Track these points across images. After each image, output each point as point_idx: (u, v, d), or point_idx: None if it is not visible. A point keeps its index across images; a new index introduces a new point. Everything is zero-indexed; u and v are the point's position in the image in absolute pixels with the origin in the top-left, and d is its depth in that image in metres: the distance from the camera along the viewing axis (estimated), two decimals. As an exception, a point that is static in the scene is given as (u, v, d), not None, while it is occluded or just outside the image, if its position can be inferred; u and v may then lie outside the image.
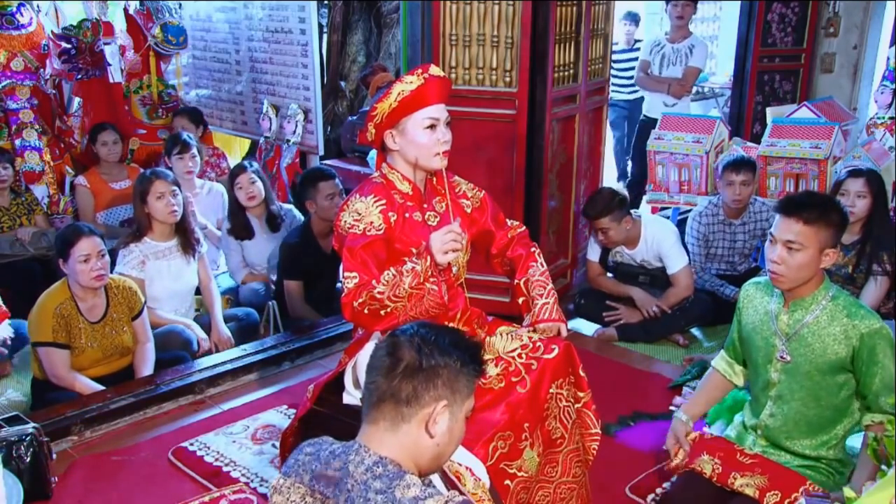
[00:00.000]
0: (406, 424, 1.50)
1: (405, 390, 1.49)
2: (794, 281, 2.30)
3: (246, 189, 4.24)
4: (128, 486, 2.86)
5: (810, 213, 2.26)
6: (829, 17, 5.83)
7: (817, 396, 2.36)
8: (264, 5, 5.37)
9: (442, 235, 2.07)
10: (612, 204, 3.98)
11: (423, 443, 1.51)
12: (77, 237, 3.20)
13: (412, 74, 2.24)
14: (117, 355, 3.42)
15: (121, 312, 3.38)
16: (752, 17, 5.66)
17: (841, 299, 2.32)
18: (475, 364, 1.56)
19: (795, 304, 2.35)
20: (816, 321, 2.32)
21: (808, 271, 2.28)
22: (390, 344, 1.54)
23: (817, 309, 2.32)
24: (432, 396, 1.49)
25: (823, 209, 2.29)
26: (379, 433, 1.51)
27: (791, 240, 2.26)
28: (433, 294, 2.08)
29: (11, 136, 4.85)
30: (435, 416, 1.49)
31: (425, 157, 2.26)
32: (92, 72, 5.20)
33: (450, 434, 1.53)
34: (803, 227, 2.25)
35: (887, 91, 5.38)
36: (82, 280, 3.20)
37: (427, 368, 1.49)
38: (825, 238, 2.27)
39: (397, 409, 1.49)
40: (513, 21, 3.82)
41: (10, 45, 4.90)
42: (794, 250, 2.26)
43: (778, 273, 2.29)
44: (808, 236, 2.25)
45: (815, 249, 2.26)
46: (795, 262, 2.26)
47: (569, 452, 2.32)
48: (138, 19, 5.35)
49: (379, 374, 1.52)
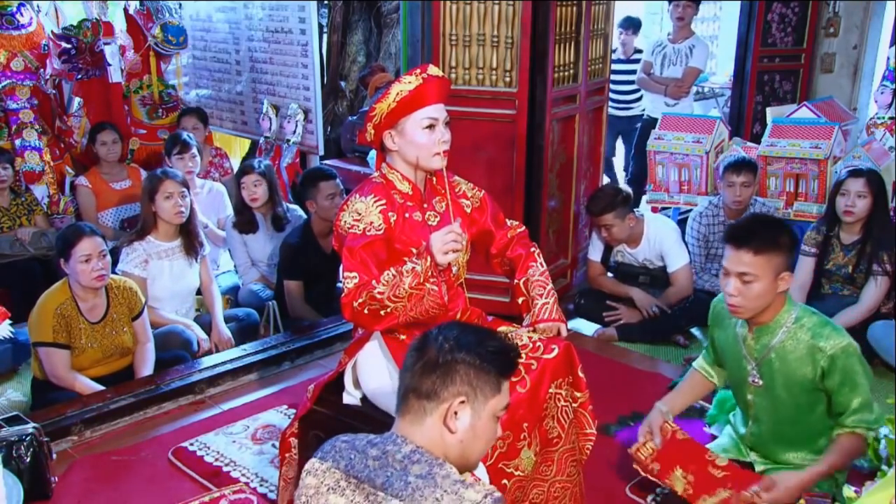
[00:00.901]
0: (429, 418, 1.53)
1: (425, 385, 1.53)
2: (753, 310, 2.27)
3: (249, 190, 4.26)
4: (128, 486, 2.86)
5: (759, 242, 2.21)
6: (829, 17, 5.83)
7: (793, 417, 2.36)
8: (264, 5, 5.37)
9: (442, 236, 2.06)
10: (615, 200, 3.99)
11: (447, 439, 1.53)
12: (78, 237, 3.20)
13: (411, 75, 2.24)
14: (117, 355, 3.42)
15: (121, 313, 3.38)
16: (752, 17, 5.66)
17: (805, 319, 2.29)
18: (502, 362, 1.57)
19: (759, 330, 2.33)
20: (782, 345, 2.29)
21: (765, 299, 2.25)
22: (419, 340, 1.59)
23: (781, 333, 2.29)
24: (451, 392, 1.52)
25: (772, 235, 2.24)
26: (407, 426, 1.55)
27: (744, 272, 2.22)
28: (433, 294, 2.07)
29: (11, 136, 4.85)
30: (453, 412, 1.52)
31: (424, 158, 2.26)
32: (92, 72, 5.20)
33: (473, 431, 1.54)
34: (754, 258, 2.21)
35: (887, 91, 5.38)
36: (83, 280, 3.20)
37: (444, 364, 1.52)
38: (778, 264, 2.22)
39: (419, 403, 1.53)
40: (513, 21, 3.82)
41: (10, 45, 4.89)
42: (748, 282, 2.22)
43: (736, 305, 2.26)
44: (760, 266, 2.21)
45: (769, 278, 2.22)
46: (752, 294, 2.23)
47: (564, 452, 2.32)
48: (138, 19, 5.35)
49: (405, 369, 1.58)
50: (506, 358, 1.59)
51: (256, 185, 4.25)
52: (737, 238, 2.25)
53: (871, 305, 3.77)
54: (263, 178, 4.28)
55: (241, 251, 4.39)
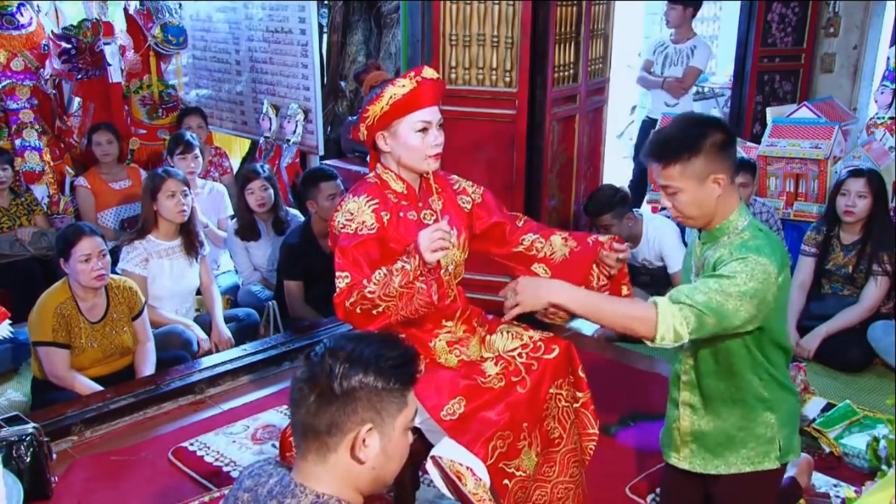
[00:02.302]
0: (334, 454, 1.39)
1: (323, 420, 1.37)
2: (698, 218, 2.06)
3: (257, 195, 4.27)
4: (128, 486, 2.86)
5: (667, 153, 2.01)
6: (829, 17, 5.83)
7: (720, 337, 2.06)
8: (264, 5, 5.37)
9: (430, 234, 2.06)
10: (613, 200, 3.98)
11: (356, 469, 1.40)
12: (78, 237, 3.21)
13: (405, 78, 2.24)
14: (117, 355, 3.42)
15: (121, 312, 3.38)
16: (752, 17, 5.66)
17: (746, 233, 2.04)
18: (405, 375, 1.42)
19: (706, 235, 2.12)
20: (716, 256, 2.04)
21: (703, 207, 2.03)
22: (304, 371, 1.41)
23: (719, 243, 2.06)
24: (354, 422, 1.37)
25: (684, 142, 2.00)
26: (310, 467, 1.41)
27: (664, 185, 2.04)
28: (422, 293, 2.07)
29: (11, 136, 4.85)
30: (360, 441, 1.38)
31: (416, 160, 2.26)
32: (92, 72, 5.21)
33: (385, 455, 1.41)
34: (666, 170, 2.01)
35: (887, 91, 5.37)
36: (83, 280, 3.21)
37: (342, 394, 1.36)
38: (700, 169, 1.99)
39: (321, 441, 1.38)
40: (513, 21, 3.82)
41: (10, 45, 4.90)
42: (672, 194, 2.04)
43: (675, 217, 2.10)
44: (675, 177, 2.01)
45: (692, 185, 2.00)
46: (681, 204, 2.03)
47: (566, 452, 2.32)
48: (138, 19, 5.35)
49: (296, 407, 1.40)
50: (409, 369, 1.43)
51: (264, 189, 4.27)
52: (650, 152, 2.06)
53: (871, 305, 3.77)
54: (269, 183, 4.29)
55: (244, 257, 4.39)
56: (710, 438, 2.19)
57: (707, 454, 2.20)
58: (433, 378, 2.21)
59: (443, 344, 2.35)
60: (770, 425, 2.15)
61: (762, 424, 2.15)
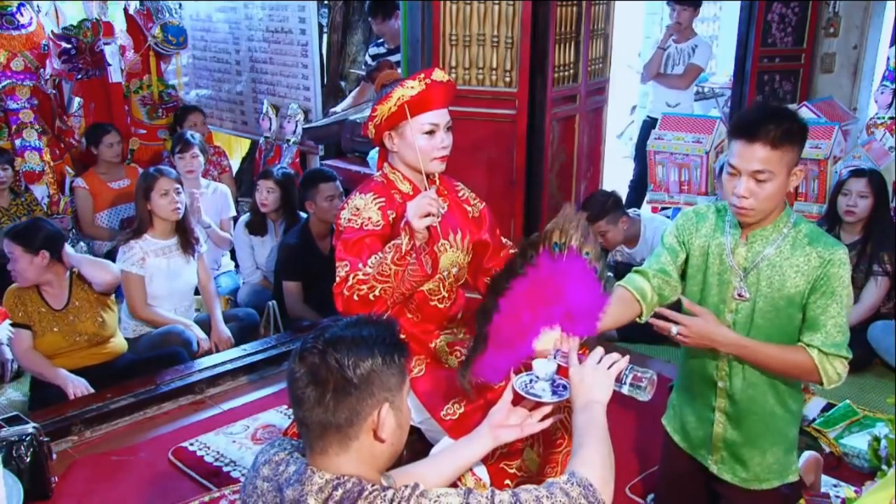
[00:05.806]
0: (356, 441, 1.42)
1: (343, 413, 1.39)
2: (763, 213, 2.00)
3: (262, 194, 4.31)
4: (128, 486, 2.86)
5: (775, 133, 1.91)
6: (829, 17, 5.83)
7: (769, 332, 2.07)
8: (264, 5, 5.37)
9: (417, 201, 2.08)
10: (606, 206, 3.99)
11: (377, 449, 1.44)
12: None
13: (414, 79, 2.24)
14: (86, 344, 3.42)
15: (84, 300, 3.40)
16: (752, 17, 5.65)
17: (802, 226, 2.04)
18: (401, 348, 1.46)
19: (755, 234, 2.05)
20: (778, 251, 2.02)
21: (777, 200, 1.99)
22: (308, 372, 1.40)
23: (779, 238, 2.02)
24: (371, 405, 1.40)
25: (787, 125, 1.93)
26: (331, 459, 1.42)
27: (758, 169, 1.93)
28: (413, 267, 2.08)
29: (11, 136, 4.86)
30: (382, 422, 1.41)
31: (423, 161, 2.27)
32: (92, 72, 5.21)
33: (400, 428, 1.46)
34: (770, 153, 1.92)
35: (887, 91, 5.37)
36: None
37: (360, 383, 1.39)
38: (792, 158, 1.95)
39: (342, 433, 1.41)
40: (513, 21, 3.81)
41: (10, 45, 4.90)
42: (762, 181, 1.94)
43: (746, 208, 1.98)
44: (776, 161, 1.92)
45: (784, 174, 1.95)
46: (765, 194, 1.95)
47: (568, 453, 2.32)
48: (138, 19, 5.35)
49: (309, 407, 1.40)
50: (402, 340, 1.49)
51: (270, 191, 4.28)
52: (748, 130, 1.93)
53: (871, 305, 3.77)
54: (278, 186, 4.29)
55: (248, 254, 4.39)
56: (740, 447, 2.21)
57: (735, 464, 2.23)
58: (434, 378, 2.21)
59: (443, 345, 2.35)
60: (793, 438, 2.20)
61: (787, 437, 2.20)
